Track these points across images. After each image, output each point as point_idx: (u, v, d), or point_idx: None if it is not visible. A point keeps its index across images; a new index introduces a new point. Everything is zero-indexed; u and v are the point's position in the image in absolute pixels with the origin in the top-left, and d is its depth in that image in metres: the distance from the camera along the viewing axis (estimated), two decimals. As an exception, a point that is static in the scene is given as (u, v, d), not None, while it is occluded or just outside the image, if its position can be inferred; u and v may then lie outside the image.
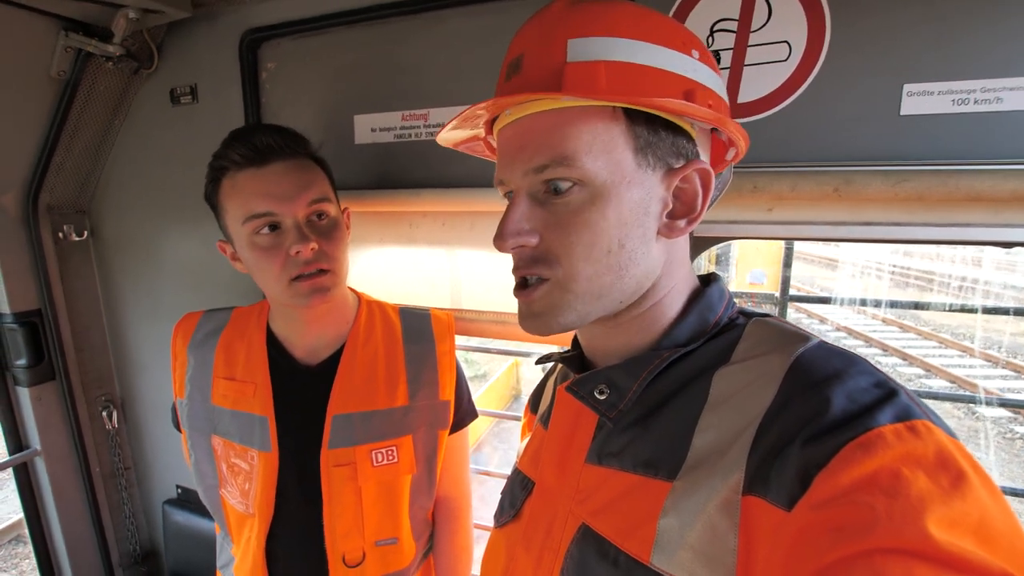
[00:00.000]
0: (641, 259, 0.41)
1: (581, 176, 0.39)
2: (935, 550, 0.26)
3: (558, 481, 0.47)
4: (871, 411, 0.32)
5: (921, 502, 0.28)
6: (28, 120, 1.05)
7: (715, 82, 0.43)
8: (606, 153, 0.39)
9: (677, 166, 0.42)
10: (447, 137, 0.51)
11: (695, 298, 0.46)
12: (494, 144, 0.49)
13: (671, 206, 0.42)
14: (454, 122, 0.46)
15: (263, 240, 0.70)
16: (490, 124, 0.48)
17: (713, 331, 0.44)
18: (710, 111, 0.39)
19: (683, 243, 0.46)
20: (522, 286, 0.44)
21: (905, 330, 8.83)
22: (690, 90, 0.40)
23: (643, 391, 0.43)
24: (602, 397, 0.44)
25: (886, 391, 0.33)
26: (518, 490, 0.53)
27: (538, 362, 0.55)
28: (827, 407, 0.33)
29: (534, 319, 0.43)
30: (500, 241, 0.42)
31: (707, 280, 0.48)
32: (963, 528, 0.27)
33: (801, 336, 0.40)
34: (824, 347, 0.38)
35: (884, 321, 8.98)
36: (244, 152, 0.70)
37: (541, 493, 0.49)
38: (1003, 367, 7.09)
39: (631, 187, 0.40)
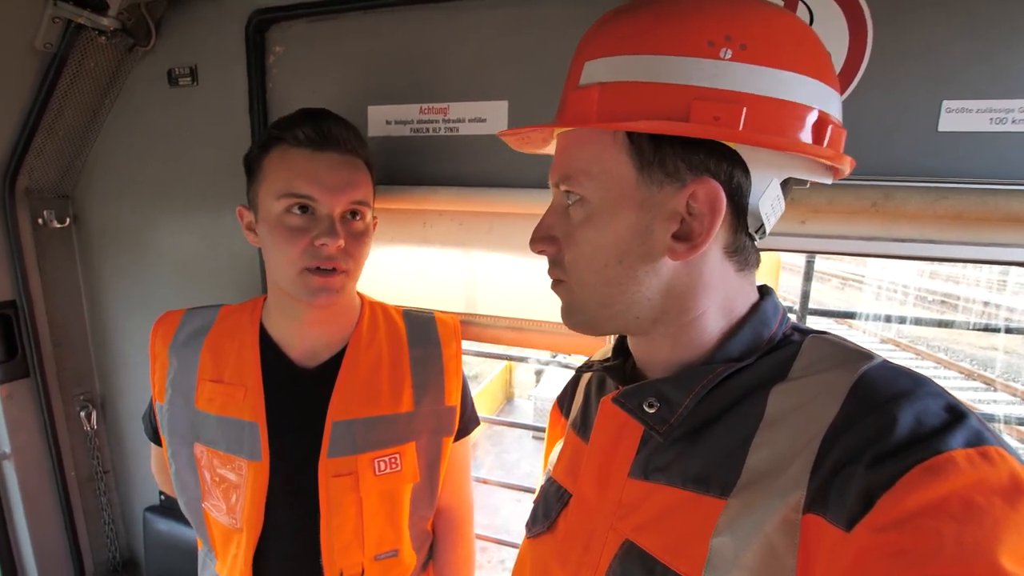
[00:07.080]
0: (645, 278, 0.41)
1: (582, 194, 0.42)
2: None
3: (599, 495, 0.46)
4: (941, 434, 0.31)
5: (994, 532, 0.27)
6: (7, 95, 0.96)
7: (753, 80, 0.37)
8: (606, 172, 0.40)
9: (690, 181, 0.39)
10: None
11: (751, 313, 0.44)
12: None
13: (680, 226, 0.39)
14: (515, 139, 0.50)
15: (293, 220, 0.68)
16: None
17: (768, 347, 0.42)
18: (700, 127, 0.36)
19: (719, 261, 0.42)
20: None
21: (884, 342, 9.21)
22: (696, 100, 0.36)
23: (695, 406, 0.42)
24: (652, 411, 0.42)
25: (956, 415, 0.32)
26: (553, 500, 0.52)
27: (579, 371, 0.54)
28: (894, 427, 0.32)
29: (562, 313, 0.47)
30: (530, 243, 0.47)
31: (760, 293, 0.46)
32: None
33: (864, 354, 0.39)
34: (889, 366, 0.37)
35: (863, 332, 9.31)
36: (309, 132, 0.68)
37: (579, 506, 0.48)
38: (975, 379, 7.40)
39: (629, 207, 0.40)
